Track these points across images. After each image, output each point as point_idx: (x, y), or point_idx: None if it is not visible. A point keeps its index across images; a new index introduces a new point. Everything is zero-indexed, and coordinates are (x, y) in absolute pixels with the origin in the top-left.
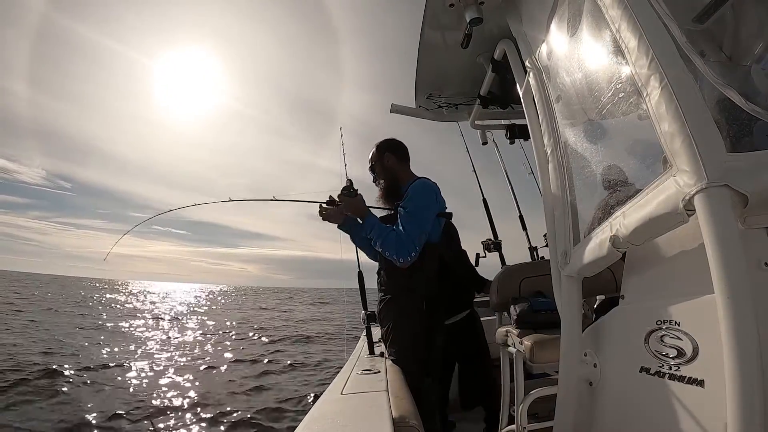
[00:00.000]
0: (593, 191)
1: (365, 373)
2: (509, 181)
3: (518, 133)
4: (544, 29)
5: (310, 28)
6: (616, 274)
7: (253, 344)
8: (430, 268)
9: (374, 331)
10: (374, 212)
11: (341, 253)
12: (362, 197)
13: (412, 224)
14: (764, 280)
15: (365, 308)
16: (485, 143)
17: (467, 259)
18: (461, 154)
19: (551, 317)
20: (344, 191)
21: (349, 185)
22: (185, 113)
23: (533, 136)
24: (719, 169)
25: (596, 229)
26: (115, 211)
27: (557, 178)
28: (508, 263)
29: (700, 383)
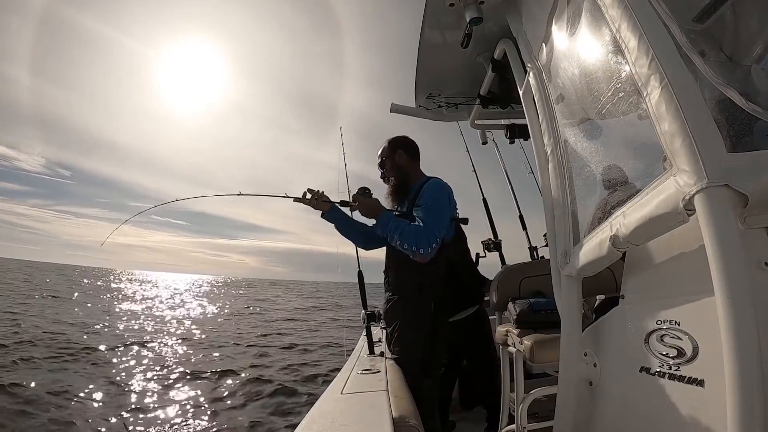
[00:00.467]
0: (593, 191)
1: (365, 373)
2: (509, 180)
3: (518, 132)
4: (544, 29)
5: (312, 21)
6: (616, 274)
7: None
8: (440, 267)
9: (374, 331)
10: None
11: (337, 247)
12: (378, 200)
13: (431, 218)
14: (764, 280)
15: (365, 308)
16: (485, 143)
17: (470, 257)
18: (461, 152)
19: (551, 317)
20: (360, 191)
21: (365, 188)
22: (187, 105)
23: (533, 135)
24: (719, 168)
25: (596, 228)
26: (114, 200)
27: (557, 178)
28: (508, 263)
29: (700, 383)
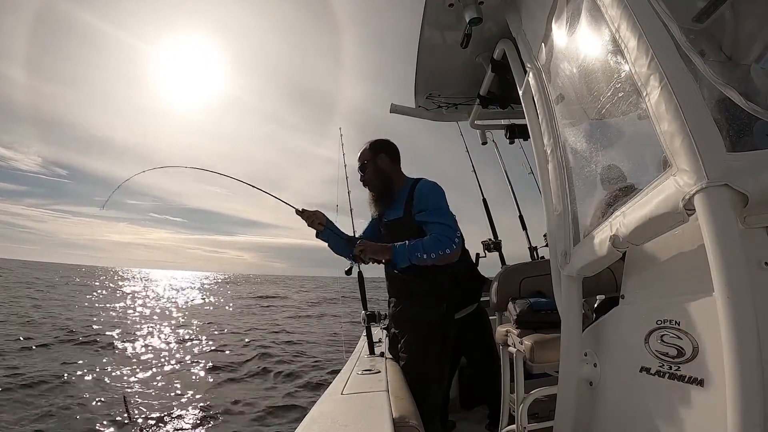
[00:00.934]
0: (593, 191)
1: (365, 373)
2: (509, 181)
3: (518, 133)
4: (543, 29)
5: (310, 14)
6: (616, 274)
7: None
8: (446, 268)
9: (374, 331)
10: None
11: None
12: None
13: (442, 216)
14: (764, 279)
15: (365, 308)
16: (485, 143)
17: (470, 257)
18: (461, 152)
19: (551, 317)
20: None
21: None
22: (184, 100)
23: (533, 136)
24: (719, 168)
25: (596, 228)
26: (111, 198)
27: (557, 178)
28: (508, 263)
29: (700, 383)
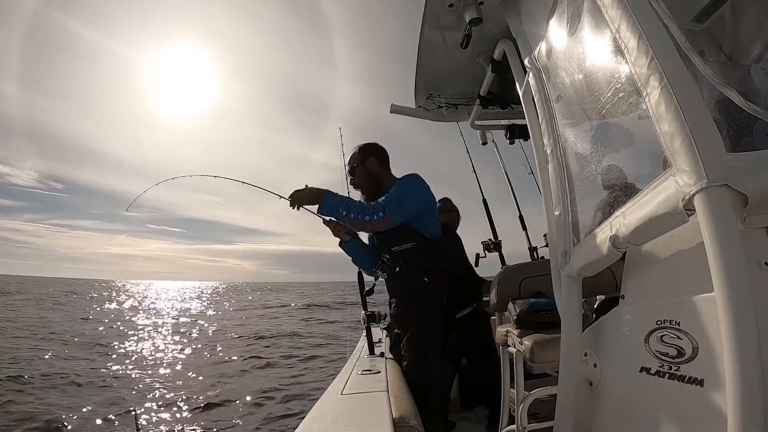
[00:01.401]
0: (593, 191)
1: (365, 373)
2: (509, 181)
3: (518, 133)
4: (543, 29)
5: (301, 19)
6: (616, 274)
7: None
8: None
9: (374, 331)
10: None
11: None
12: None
13: (389, 196)
14: (764, 279)
15: (365, 308)
16: (485, 143)
17: (468, 261)
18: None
19: (551, 317)
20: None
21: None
22: (178, 110)
23: (533, 136)
24: (719, 168)
25: (596, 229)
26: (109, 211)
27: (557, 178)
28: (508, 263)
29: (699, 383)
